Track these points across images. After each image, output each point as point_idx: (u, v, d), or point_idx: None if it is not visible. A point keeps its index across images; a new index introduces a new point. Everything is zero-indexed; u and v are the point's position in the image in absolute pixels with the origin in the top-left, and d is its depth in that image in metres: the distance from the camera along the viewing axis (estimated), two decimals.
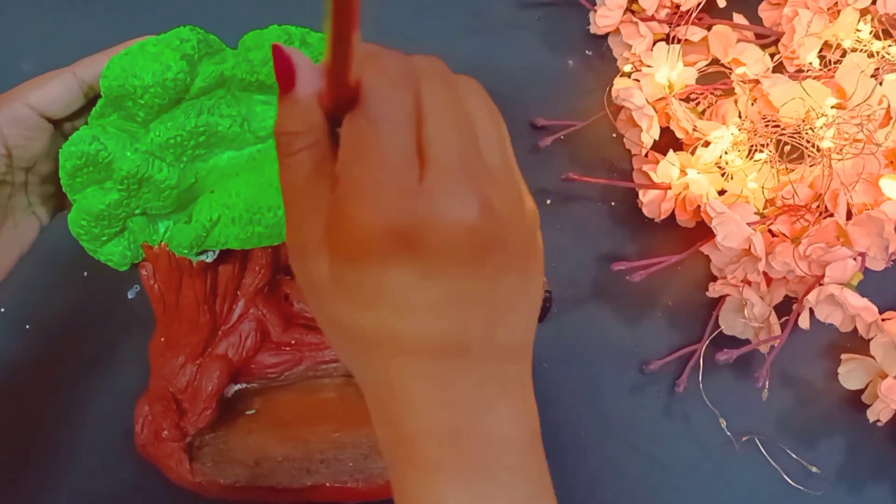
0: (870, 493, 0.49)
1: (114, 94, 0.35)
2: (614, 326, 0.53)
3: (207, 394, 0.43)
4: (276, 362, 0.46)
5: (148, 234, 0.39)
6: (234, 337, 0.44)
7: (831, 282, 0.47)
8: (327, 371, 0.46)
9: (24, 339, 0.51)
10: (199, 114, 0.36)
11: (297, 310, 0.47)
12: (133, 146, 0.36)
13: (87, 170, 0.36)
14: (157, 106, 0.36)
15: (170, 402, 0.43)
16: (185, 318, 0.43)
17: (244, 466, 0.43)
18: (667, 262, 0.51)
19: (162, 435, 0.43)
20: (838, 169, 0.50)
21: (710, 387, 0.50)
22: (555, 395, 0.51)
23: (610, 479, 0.49)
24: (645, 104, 0.54)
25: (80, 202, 0.37)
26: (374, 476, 0.43)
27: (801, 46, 0.57)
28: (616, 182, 0.56)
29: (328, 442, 0.44)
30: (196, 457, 0.44)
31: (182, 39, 0.36)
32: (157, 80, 0.35)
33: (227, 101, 0.37)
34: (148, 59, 0.35)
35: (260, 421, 0.45)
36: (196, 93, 0.36)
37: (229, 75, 0.37)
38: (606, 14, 0.60)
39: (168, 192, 0.37)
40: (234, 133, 0.37)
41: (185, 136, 0.36)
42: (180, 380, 0.44)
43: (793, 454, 0.49)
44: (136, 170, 0.36)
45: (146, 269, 0.41)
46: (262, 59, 0.36)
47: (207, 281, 0.42)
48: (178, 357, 0.44)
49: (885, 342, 0.48)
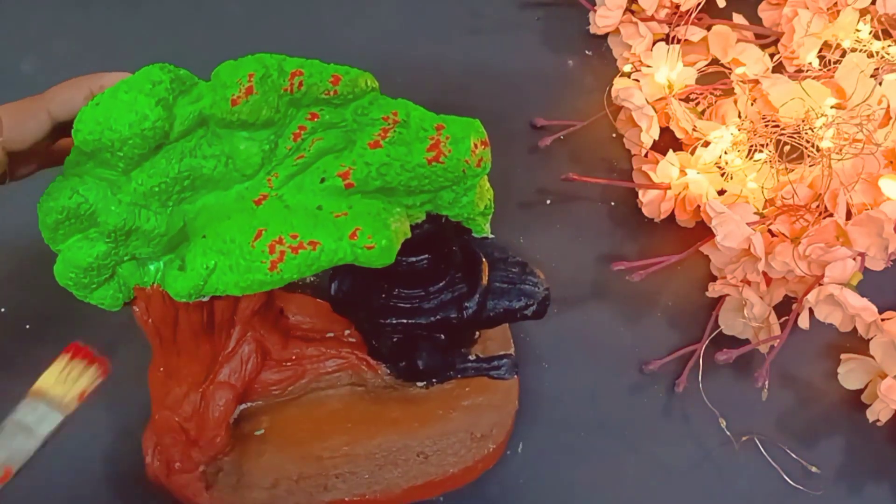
0: (869, 492, 0.49)
1: (90, 147, 0.33)
2: (614, 326, 0.53)
3: (215, 420, 0.43)
4: (279, 379, 0.45)
5: (139, 277, 0.38)
6: (234, 362, 0.44)
7: (831, 282, 0.47)
8: (331, 382, 0.46)
9: (24, 339, 0.51)
10: (181, 158, 0.35)
11: (294, 322, 0.47)
12: (116, 197, 0.35)
13: (69, 222, 0.35)
14: (137, 156, 0.34)
15: (178, 432, 0.43)
16: (183, 349, 0.42)
17: (261, 490, 0.43)
18: (666, 262, 0.51)
19: (174, 467, 0.43)
20: (838, 169, 0.50)
21: (709, 387, 0.50)
22: (555, 395, 0.51)
23: (610, 479, 0.49)
24: (645, 104, 0.54)
25: (65, 254, 0.36)
26: (391, 485, 0.43)
27: (801, 46, 0.57)
28: (616, 182, 0.56)
29: (341, 456, 0.44)
30: (212, 484, 0.43)
31: (154, 82, 0.33)
32: (135, 132, 0.33)
33: (209, 141, 0.35)
34: (122, 108, 0.33)
35: (270, 441, 0.45)
36: (176, 137, 0.35)
37: (208, 114, 0.35)
38: (606, 14, 0.60)
39: (158, 240, 0.36)
40: (220, 173, 0.36)
41: (170, 183, 0.35)
42: (185, 408, 0.43)
43: (793, 454, 0.49)
44: (123, 223, 0.35)
45: (139, 308, 0.40)
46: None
47: (204, 313, 0.41)
48: (179, 386, 0.43)
49: (884, 342, 0.48)
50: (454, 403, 0.46)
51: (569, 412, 0.50)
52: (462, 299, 0.42)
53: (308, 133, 0.36)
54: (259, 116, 0.35)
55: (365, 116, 0.36)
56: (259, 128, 0.35)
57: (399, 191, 0.36)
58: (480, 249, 0.44)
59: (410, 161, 0.35)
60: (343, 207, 0.35)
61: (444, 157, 0.35)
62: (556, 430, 0.50)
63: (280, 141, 0.36)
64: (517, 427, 0.49)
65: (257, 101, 0.34)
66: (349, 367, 0.46)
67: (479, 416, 0.45)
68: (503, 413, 0.46)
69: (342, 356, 0.46)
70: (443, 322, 0.42)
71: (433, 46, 0.63)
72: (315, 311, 0.47)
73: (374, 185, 0.35)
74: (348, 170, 0.35)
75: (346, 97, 0.36)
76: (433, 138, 0.35)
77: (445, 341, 0.43)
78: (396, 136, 0.36)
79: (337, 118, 0.37)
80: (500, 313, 0.43)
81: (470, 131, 0.36)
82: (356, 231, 0.34)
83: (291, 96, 0.35)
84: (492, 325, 0.44)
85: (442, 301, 0.42)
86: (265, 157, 0.36)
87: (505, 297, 0.43)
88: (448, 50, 0.63)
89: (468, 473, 0.45)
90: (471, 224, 0.40)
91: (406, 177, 0.35)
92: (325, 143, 0.36)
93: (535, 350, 0.52)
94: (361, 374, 0.47)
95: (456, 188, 0.37)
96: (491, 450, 0.45)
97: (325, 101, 0.36)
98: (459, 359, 0.46)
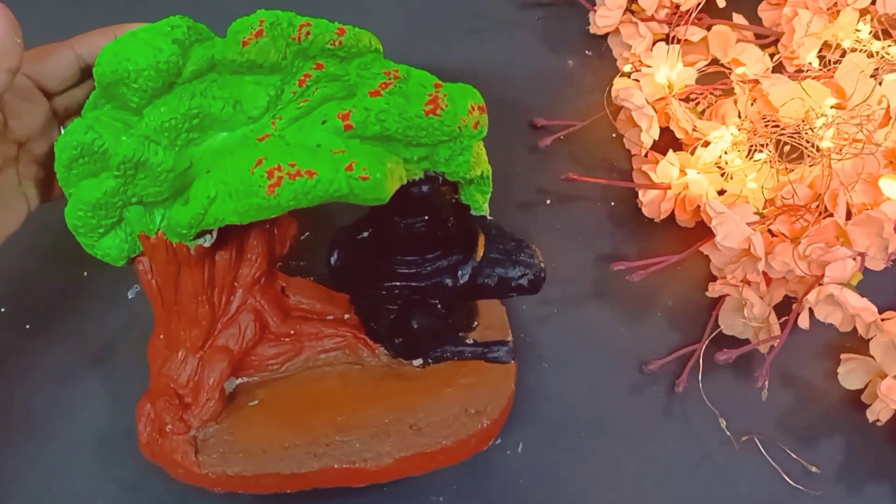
0: (869, 492, 0.49)
1: (107, 80, 0.36)
2: (614, 326, 0.53)
3: (210, 385, 0.44)
4: (276, 353, 0.46)
5: (145, 224, 0.39)
6: (233, 328, 0.44)
7: (831, 282, 0.47)
8: (328, 360, 0.47)
9: (24, 339, 0.51)
10: (191, 96, 0.37)
11: (294, 302, 0.47)
12: (128, 132, 0.37)
13: (83, 160, 0.36)
14: (151, 90, 0.36)
15: (172, 397, 0.43)
16: (184, 311, 0.43)
17: (251, 456, 0.43)
18: (666, 262, 0.51)
19: (165, 430, 0.43)
20: (838, 169, 0.50)
21: (709, 387, 0.50)
22: (555, 395, 0.51)
23: (610, 479, 0.49)
24: (645, 104, 0.54)
25: (76, 194, 0.38)
26: (381, 455, 0.43)
27: (801, 46, 0.57)
28: (616, 182, 0.56)
29: (334, 425, 0.44)
30: (202, 449, 0.44)
31: (172, 26, 0.36)
32: (150, 63, 0.36)
33: (219, 84, 0.38)
34: (140, 44, 0.36)
35: (264, 410, 0.45)
36: (188, 77, 0.37)
37: (220, 59, 0.37)
38: (606, 14, 0.60)
39: (164, 176, 0.37)
40: (227, 114, 0.38)
41: (180, 119, 0.37)
42: (182, 375, 0.44)
43: (793, 454, 0.49)
44: (133, 153, 0.36)
45: (143, 264, 0.41)
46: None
47: (205, 271, 0.42)
48: (178, 352, 0.44)
49: (884, 342, 0.48)
50: (450, 381, 0.46)
51: (569, 412, 0.50)
52: (457, 266, 0.43)
53: (313, 81, 0.38)
54: (267, 58, 0.37)
55: (367, 71, 0.39)
56: (266, 72, 0.38)
57: (397, 140, 0.38)
58: (479, 226, 0.44)
59: (408, 111, 0.37)
60: (341, 146, 0.37)
61: (441, 110, 0.37)
62: (556, 430, 0.50)
63: (286, 87, 0.38)
64: (517, 427, 0.49)
65: (266, 42, 0.37)
66: (347, 346, 0.47)
67: (475, 393, 0.45)
68: (499, 392, 0.46)
69: (340, 335, 0.47)
70: (438, 287, 0.43)
71: (433, 46, 0.63)
72: (315, 295, 0.48)
73: (373, 129, 0.37)
74: (348, 112, 0.37)
75: (350, 50, 0.39)
76: (431, 94, 0.38)
77: (441, 309, 0.44)
78: (396, 88, 0.38)
79: (341, 71, 0.39)
80: (495, 281, 0.43)
81: (468, 94, 0.38)
82: (352, 164, 0.35)
83: (299, 45, 0.38)
84: (487, 294, 0.45)
85: (438, 268, 0.43)
86: (271, 102, 0.38)
87: (500, 266, 0.43)
88: (448, 50, 0.63)
89: (461, 447, 0.45)
90: (469, 198, 0.42)
91: (403, 125, 0.37)
92: (328, 90, 0.38)
93: (535, 350, 0.52)
94: (359, 354, 0.47)
95: (452, 145, 0.39)
96: (485, 426, 0.45)
97: (330, 52, 0.39)
98: (456, 341, 0.47)
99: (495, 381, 0.46)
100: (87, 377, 0.50)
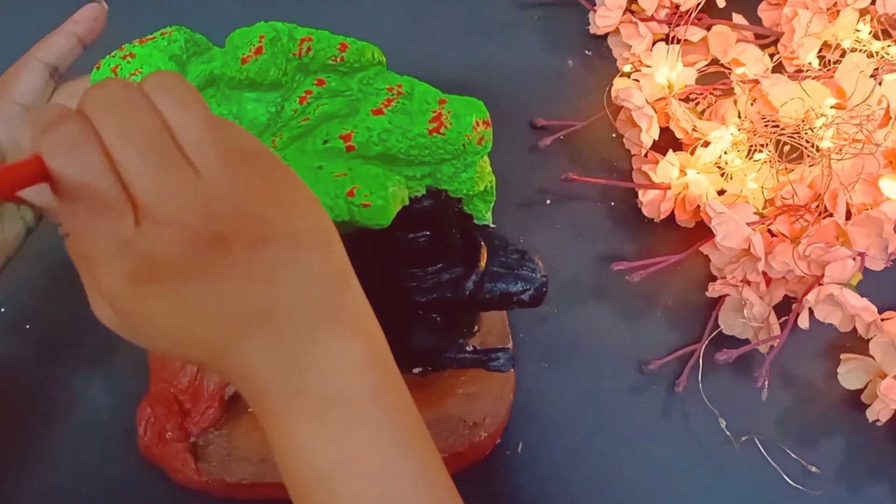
0: (869, 492, 0.49)
1: None
2: (614, 326, 0.53)
3: (209, 393, 0.44)
4: None
5: None
6: None
7: (831, 282, 0.47)
8: None
9: (24, 339, 0.51)
10: None
11: None
12: None
13: None
14: None
15: (172, 403, 0.44)
16: None
17: (250, 464, 0.43)
18: (666, 262, 0.51)
19: (166, 436, 0.43)
20: (837, 169, 0.50)
21: (709, 387, 0.50)
22: (555, 395, 0.51)
23: (610, 479, 0.49)
24: (644, 104, 0.54)
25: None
26: None
27: (801, 46, 0.57)
28: (616, 182, 0.56)
29: None
30: (201, 456, 0.44)
31: (170, 40, 0.35)
32: None
33: (218, 100, 0.37)
34: (137, 62, 0.35)
35: None
36: None
37: (218, 74, 0.36)
38: (606, 14, 0.60)
39: None
40: None
41: None
42: (181, 381, 0.44)
43: (792, 454, 0.49)
44: None
45: None
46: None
47: None
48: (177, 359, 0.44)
49: (884, 342, 0.48)
50: (449, 391, 0.46)
51: (569, 412, 0.50)
52: (459, 280, 0.42)
53: (314, 97, 0.37)
54: (267, 76, 0.36)
55: (370, 86, 0.37)
56: (266, 89, 0.37)
57: (400, 160, 0.37)
58: (481, 236, 0.44)
59: (412, 130, 0.36)
60: (343, 169, 0.36)
61: (444, 128, 0.36)
62: (556, 430, 0.50)
63: (286, 104, 0.37)
64: (517, 427, 0.49)
65: (266, 60, 0.35)
66: None
67: (473, 405, 0.45)
68: (498, 403, 0.46)
69: None
70: (439, 301, 0.43)
71: (433, 46, 0.63)
72: None
73: (375, 150, 0.36)
74: (350, 132, 0.36)
75: (353, 65, 0.37)
76: (435, 111, 0.36)
77: (441, 323, 0.44)
78: (399, 105, 0.37)
79: (342, 86, 0.38)
80: (496, 296, 0.43)
81: (472, 109, 0.37)
82: (353, 189, 0.35)
83: (300, 60, 0.36)
84: (488, 308, 0.44)
85: (439, 281, 0.42)
86: (271, 119, 0.37)
87: (502, 281, 0.43)
88: (448, 50, 0.63)
89: (458, 460, 0.45)
90: (472, 209, 0.41)
91: (406, 144, 0.36)
92: (329, 107, 0.37)
93: (535, 350, 0.52)
94: None
95: (456, 162, 0.37)
96: (483, 438, 0.45)
97: (331, 67, 0.37)
98: (456, 348, 0.46)
99: (494, 392, 0.46)
100: (87, 377, 0.50)
